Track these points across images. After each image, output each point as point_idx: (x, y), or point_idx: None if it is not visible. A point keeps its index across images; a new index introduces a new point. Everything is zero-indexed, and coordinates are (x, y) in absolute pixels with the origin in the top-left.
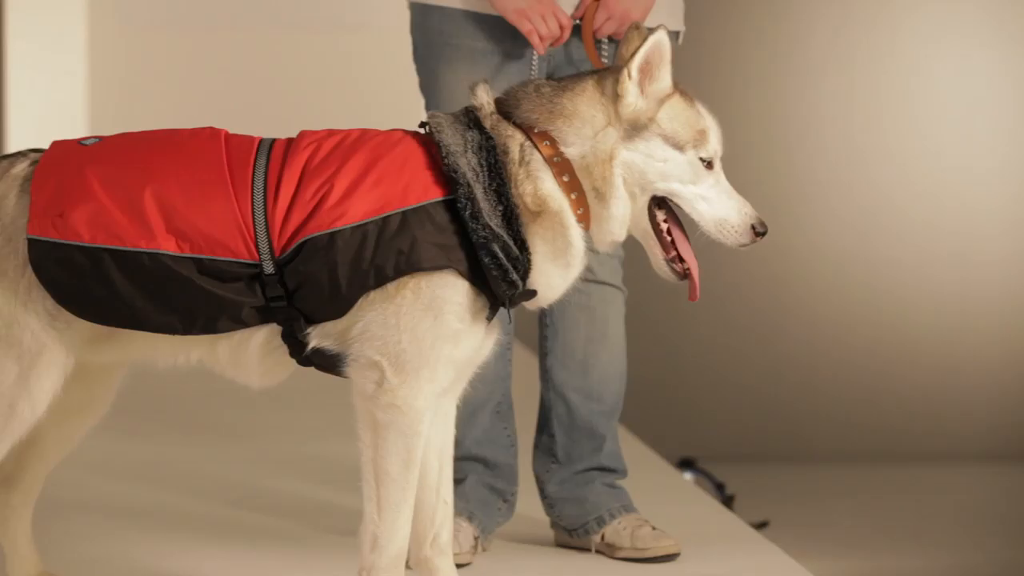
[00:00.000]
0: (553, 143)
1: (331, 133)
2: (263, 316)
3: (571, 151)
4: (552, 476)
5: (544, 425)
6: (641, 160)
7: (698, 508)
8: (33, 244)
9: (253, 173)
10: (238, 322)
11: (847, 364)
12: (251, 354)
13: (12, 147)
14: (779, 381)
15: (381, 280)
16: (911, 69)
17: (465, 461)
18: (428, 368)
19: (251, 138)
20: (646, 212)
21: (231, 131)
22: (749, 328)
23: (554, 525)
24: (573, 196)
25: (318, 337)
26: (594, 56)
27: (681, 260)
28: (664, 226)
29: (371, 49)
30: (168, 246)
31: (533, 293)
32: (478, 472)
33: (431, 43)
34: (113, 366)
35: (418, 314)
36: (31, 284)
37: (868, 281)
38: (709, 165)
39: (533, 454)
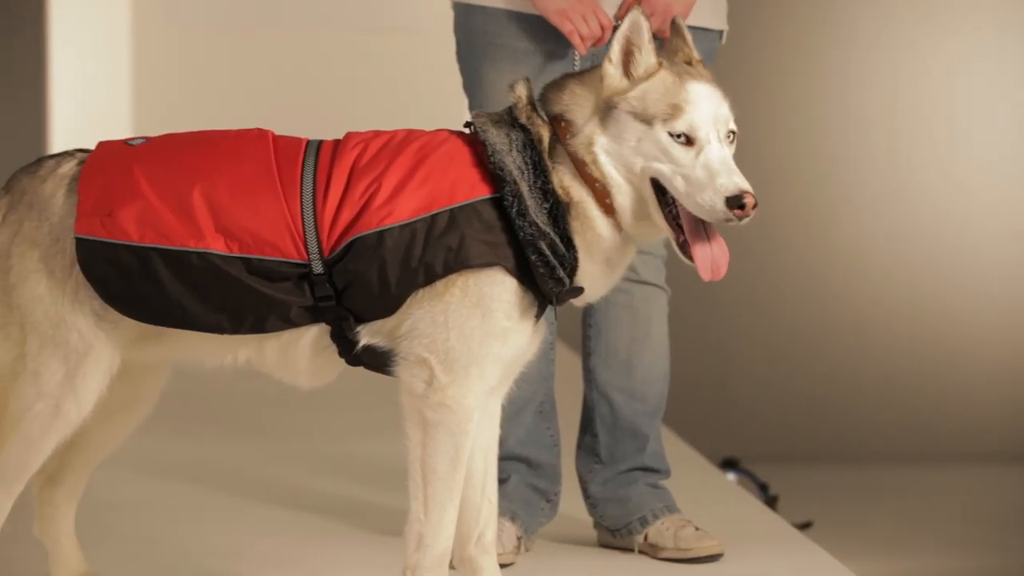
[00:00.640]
0: (572, 134)
1: (377, 134)
2: (312, 316)
3: (575, 140)
4: (595, 476)
5: (587, 425)
6: (616, 140)
7: (741, 508)
8: (81, 243)
9: (302, 173)
10: (287, 322)
11: (891, 365)
12: (300, 354)
13: (57, 148)
14: (823, 381)
15: (430, 278)
16: (954, 70)
17: (508, 461)
18: (477, 366)
19: (298, 139)
20: (652, 198)
21: (275, 132)
22: (793, 329)
23: (597, 525)
24: (597, 186)
25: (367, 336)
26: None
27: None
28: (671, 209)
29: (415, 50)
30: (217, 246)
31: (580, 290)
32: (521, 472)
33: (474, 43)
34: (159, 366)
35: (466, 312)
36: (79, 284)
37: (913, 282)
38: (688, 141)
39: (576, 454)
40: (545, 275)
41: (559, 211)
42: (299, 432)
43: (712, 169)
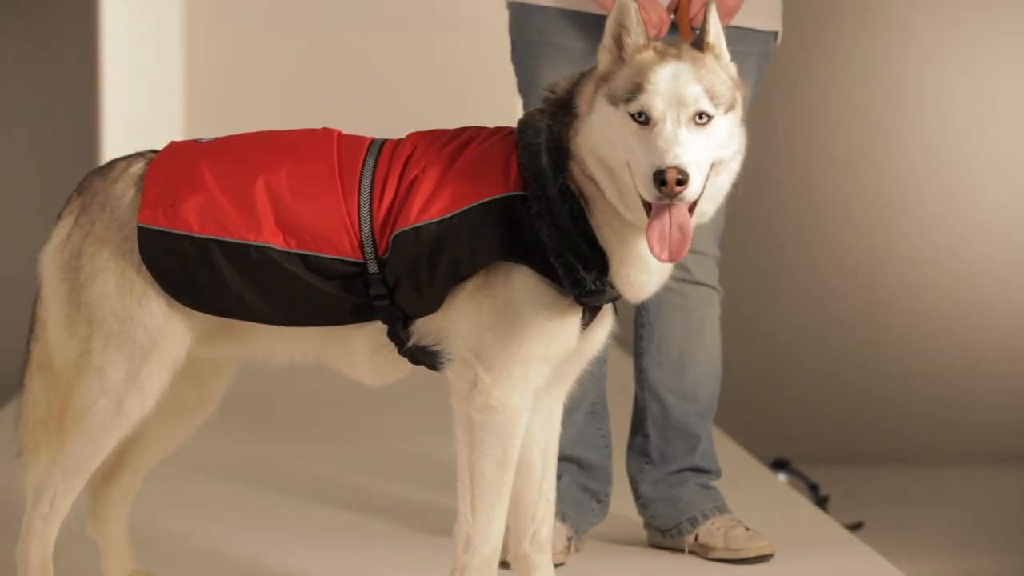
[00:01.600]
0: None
1: (437, 133)
2: (365, 313)
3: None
4: (646, 476)
5: (639, 425)
6: (596, 127)
7: (792, 509)
8: (143, 233)
9: (361, 173)
10: (341, 318)
11: (943, 364)
12: (359, 351)
13: (110, 150)
14: (874, 381)
15: (460, 275)
16: (1005, 70)
17: (559, 461)
18: (519, 367)
19: (363, 139)
20: (630, 183)
21: (336, 130)
22: (844, 329)
23: (647, 525)
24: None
25: (417, 334)
26: (687, 36)
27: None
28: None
29: (470, 49)
30: (276, 240)
31: (609, 293)
32: (572, 472)
33: (530, 42)
34: (225, 364)
35: (499, 311)
36: (147, 281)
37: (964, 281)
38: (647, 121)
39: (627, 454)
40: (565, 276)
41: (579, 210)
42: (355, 432)
43: (653, 147)
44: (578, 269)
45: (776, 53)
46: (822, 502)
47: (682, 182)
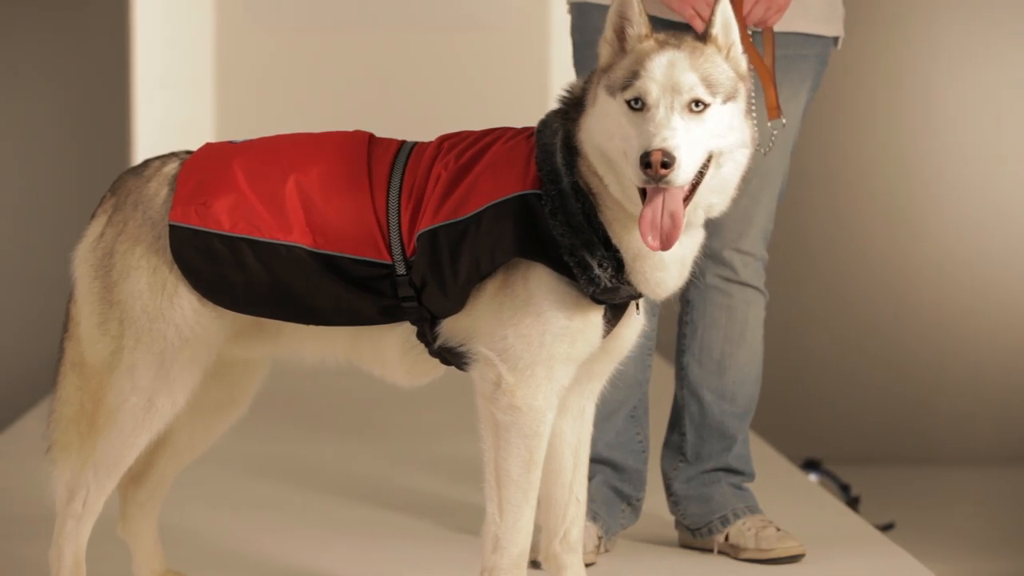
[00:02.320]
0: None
1: (464, 134)
2: (394, 314)
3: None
4: (679, 474)
5: (675, 423)
6: (592, 120)
7: (823, 510)
8: (174, 230)
9: (390, 175)
10: (370, 318)
11: (974, 364)
12: (390, 352)
13: (141, 151)
14: (905, 382)
15: (481, 274)
16: None
17: (594, 463)
18: (543, 367)
19: (393, 141)
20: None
21: (368, 132)
22: (875, 329)
23: (678, 525)
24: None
25: (444, 335)
26: (745, 39)
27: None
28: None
29: (500, 49)
30: (305, 240)
31: (628, 290)
32: (605, 474)
33: (592, 43)
34: (257, 365)
35: (519, 311)
36: (179, 279)
37: (995, 282)
38: (642, 108)
39: (662, 451)
40: (579, 274)
41: (591, 208)
42: (387, 431)
43: (643, 131)
44: (592, 267)
45: None
46: (853, 502)
47: (667, 165)
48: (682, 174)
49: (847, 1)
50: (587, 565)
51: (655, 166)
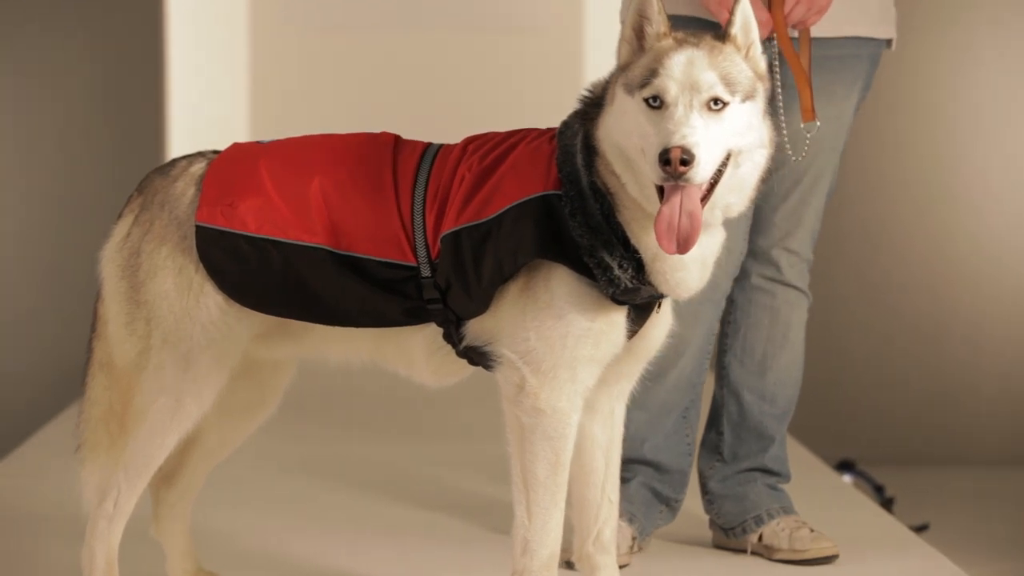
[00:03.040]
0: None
1: (489, 135)
2: (419, 316)
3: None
4: (715, 473)
5: (714, 422)
6: (609, 118)
7: (857, 511)
8: (201, 231)
9: (415, 178)
10: (395, 320)
11: (1011, 365)
12: (416, 353)
13: (175, 151)
14: (940, 382)
15: (504, 275)
16: None
17: (636, 464)
18: (565, 368)
19: (419, 143)
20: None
21: (401, 136)
22: (911, 329)
23: (712, 525)
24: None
25: (469, 336)
26: (785, 40)
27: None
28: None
29: (536, 50)
30: (330, 242)
31: (644, 290)
32: (646, 475)
33: None
34: (285, 364)
35: (541, 312)
36: (205, 279)
37: None
38: (661, 106)
39: (699, 450)
40: (599, 275)
41: (609, 208)
42: (420, 430)
43: (662, 128)
44: (612, 268)
45: None
46: (887, 503)
47: (686, 162)
48: (701, 171)
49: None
50: (621, 566)
51: (674, 163)
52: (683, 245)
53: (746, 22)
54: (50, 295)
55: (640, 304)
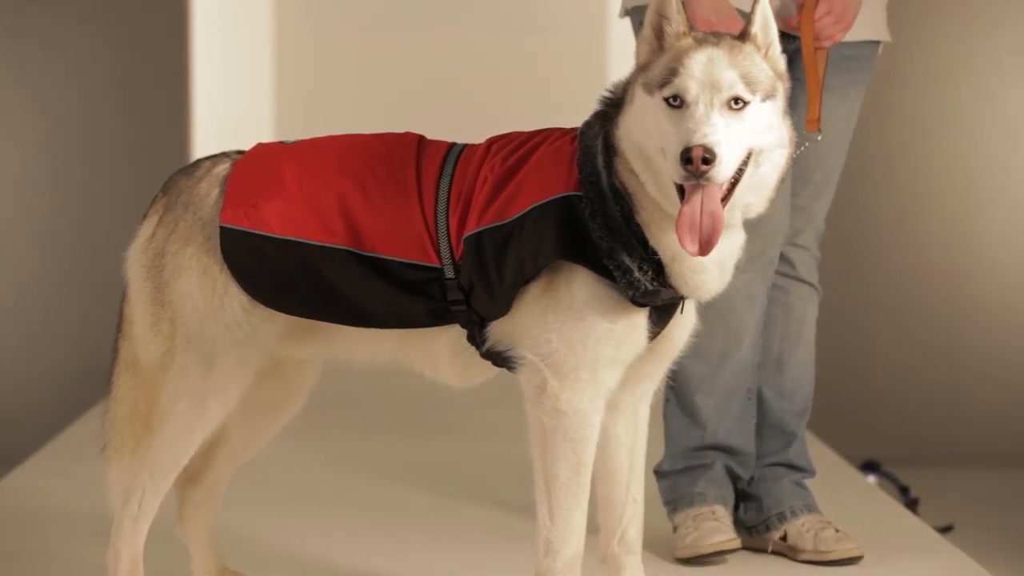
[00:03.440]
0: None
1: (513, 135)
2: (443, 317)
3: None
4: None
5: None
6: (629, 118)
7: (882, 511)
8: (225, 232)
9: (439, 178)
10: (418, 321)
11: None
12: (440, 354)
13: (199, 151)
14: (965, 382)
15: (526, 276)
16: None
17: (712, 450)
18: (586, 370)
19: (442, 143)
20: (672, 181)
21: (425, 136)
22: (935, 329)
23: (736, 524)
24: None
25: (492, 338)
26: (809, 50)
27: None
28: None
29: (559, 50)
30: (353, 243)
31: (664, 292)
32: (725, 459)
33: None
34: (310, 364)
35: (563, 314)
36: (229, 280)
37: None
38: (681, 105)
39: None
40: (619, 278)
41: (629, 210)
42: (448, 430)
43: (683, 127)
44: (632, 270)
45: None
46: (912, 504)
47: (708, 160)
48: (723, 170)
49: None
50: (735, 550)
51: (696, 162)
52: (705, 246)
53: (766, 21)
54: (75, 295)
55: (661, 306)
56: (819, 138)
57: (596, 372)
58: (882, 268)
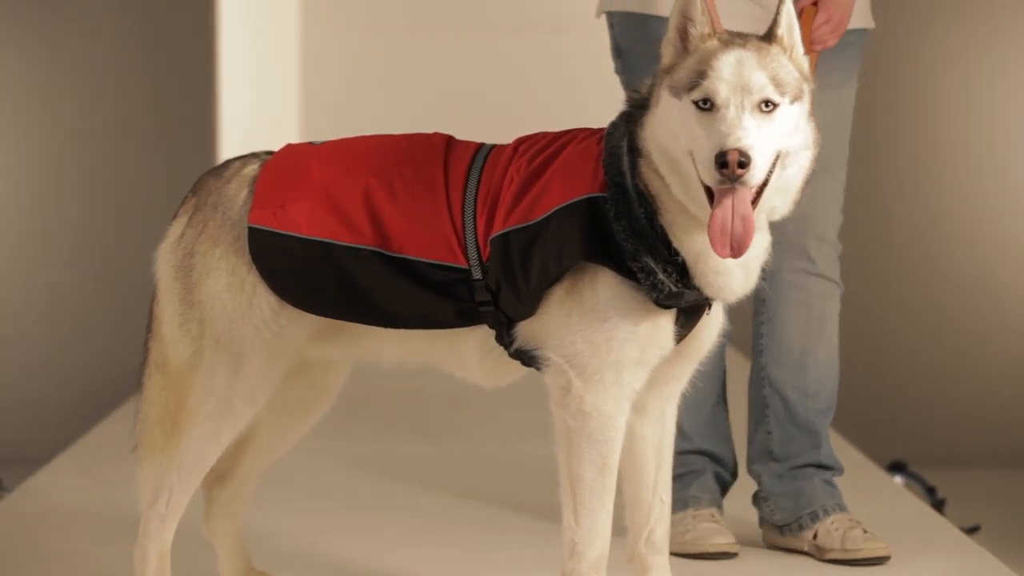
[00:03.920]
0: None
1: (540, 135)
2: (471, 318)
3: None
4: (768, 471)
5: (759, 421)
6: (655, 120)
7: (908, 512)
8: (253, 233)
9: (467, 179)
10: (446, 322)
11: None
12: (469, 354)
13: (227, 152)
14: (992, 382)
15: (551, 278)
16: None
17: (697, 455)
18: (610, 372)
19: (471, 144)
20: (693, 175)
21: (454, 136)
22: (962, 328)
23: (764, 523)
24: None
25: (519, 339)
26: (808, 46)
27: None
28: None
29: (590, 49)
30: (380, 244)
31: (687, 295)
32: (711, 466)
33: (649, 52)
34: (339, 364)
35: (587, 316)
36: (257, 280)
37: None
38: (711, 108)
39: (748, 451)
40: (643, 279)
41: (652, 212)
42: (477, 429)
43: (715, 131)
44: (656, 272)
45: (892, 47)
46: (939, 505)
47: (744, 164)
48: (756, 173)
49: None
50: (735, 554)
51: (732, 165)
52: (737, 249)
53: (791, 22)
54: (102, 296)
55: (688, 308)
56: None
57: (620, 374)
58: (908, 265)
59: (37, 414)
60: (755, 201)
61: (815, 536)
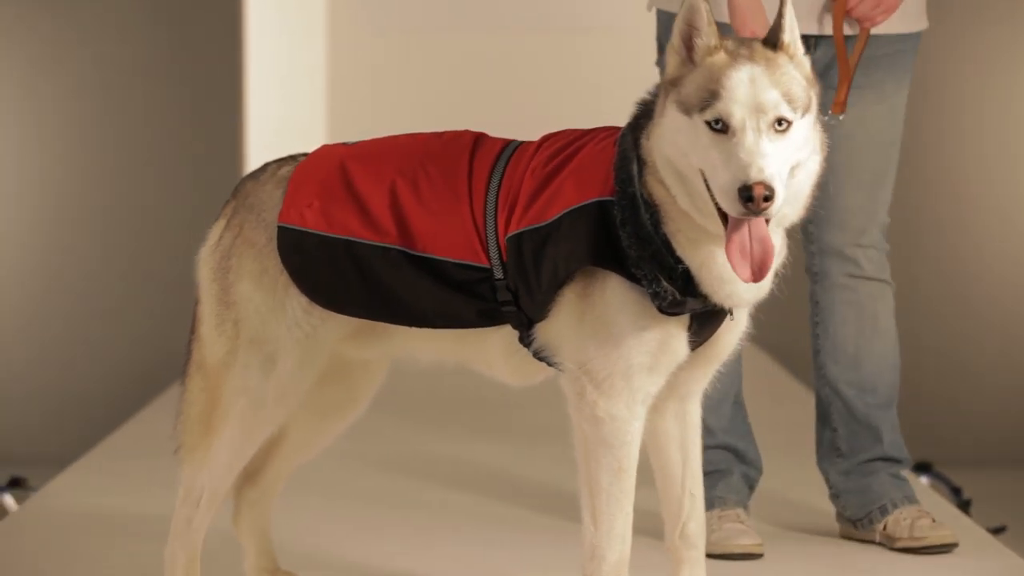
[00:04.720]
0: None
1: (564, 134)
2: (494, 317)
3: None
4: (836, 467)
5: (825, 419)
6: (661, 132)
7: (934, 512)
8: (282, 232)
9: (490, 177)
10: (469, 321)
11: None
12: (495, 353)
13: (253, 155)
14: (1019, 383)
15: (560, 280)
16: None
17: (721, 449)
18: (621, 377)
19: (498, 141)
20: (704, 193)
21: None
22: (988, 329)
23: (839, 517)
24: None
25: (537, 341)
26: (839, 34)
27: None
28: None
29: (613, 49)
30: (405, 243)
31: (690, 303)
32: (738, 467)
33: None
34: (375, 364)
35: (598, 321)
36: (289, 281)
37: None
38: (724, 129)
39: (816, 449)
40: (647, 287)
41: (655, 217)
42: (511, 429)
43: (734, 158)
44: (659, 279)
45: (923, 49)
46: (965, 505)
47: (769, 197)
48: (779, 204)
49: None
50: (757, 555)
51: (757, 200)
52: (758, 272)
53: (793, 24)
54: (131, 297)
55: (703, 315)
56: (841, 118)
57: (631, 380)
58: (937, 265)
59: (63, 414)
60: (768, 219)
61: (885, 527)
